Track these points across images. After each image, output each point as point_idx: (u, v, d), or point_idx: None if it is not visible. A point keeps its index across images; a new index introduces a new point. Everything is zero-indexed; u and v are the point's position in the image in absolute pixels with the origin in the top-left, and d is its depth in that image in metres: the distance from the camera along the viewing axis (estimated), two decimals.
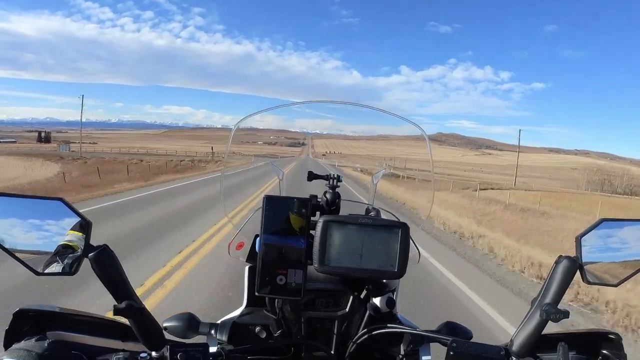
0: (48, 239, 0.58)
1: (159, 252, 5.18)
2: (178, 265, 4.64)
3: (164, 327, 0.78)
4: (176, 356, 0.61)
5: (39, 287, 3.58)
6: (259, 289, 0.71)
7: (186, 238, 5.95)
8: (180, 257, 5.01)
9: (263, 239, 0.71)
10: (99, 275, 0.59)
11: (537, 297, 0.67)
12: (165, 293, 3.78)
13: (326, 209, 0.88)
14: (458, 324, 0.83)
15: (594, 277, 0.66)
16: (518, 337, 0.67)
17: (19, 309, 0.64)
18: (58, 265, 0.58)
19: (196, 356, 0.62)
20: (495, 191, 29.31)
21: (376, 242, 0.72)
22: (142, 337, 0.62)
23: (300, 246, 0.71)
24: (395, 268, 0.71)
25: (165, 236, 6.07)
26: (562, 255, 0.66)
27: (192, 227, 6.83)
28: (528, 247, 6.97)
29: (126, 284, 0.60)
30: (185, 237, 6.00)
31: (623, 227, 0.68)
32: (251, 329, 0.81)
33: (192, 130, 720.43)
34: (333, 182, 0.93)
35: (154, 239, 5.82)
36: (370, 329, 0.79)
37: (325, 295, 0.82)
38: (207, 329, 0.80)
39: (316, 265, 0.71)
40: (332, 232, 0.72)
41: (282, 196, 0.76)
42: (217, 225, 6.77)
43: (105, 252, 0.59)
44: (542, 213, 15.47)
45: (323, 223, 0.71)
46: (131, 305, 0.59)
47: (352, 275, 0.72)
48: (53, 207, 0.58)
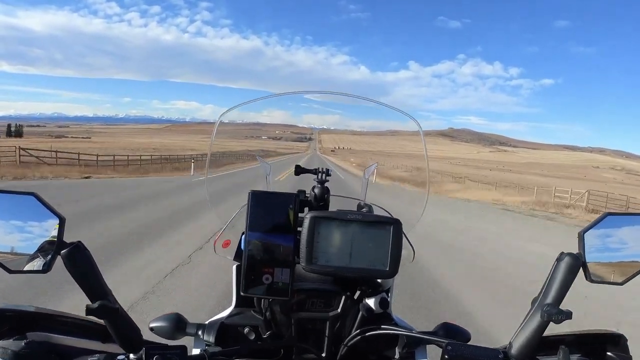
0: (23, 237, 0.58)
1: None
2: None
3: (150, 327, 0.77)
4: (152, 359, 0.60)
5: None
6: (244, 289, 0.70)
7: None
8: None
9: (248, 236, 0.70)
10: (72, 274, 0.57)
11: (538, 297, 0.65)
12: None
13: (314, 204, 0.87)
14: (456, 325, 0.81)
15: (597, 275, 0.65)
16: (517, 340, 0.65)
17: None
18: (31, 262, 0.58)
19: (173, 359, 0.60)
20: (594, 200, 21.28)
21: (366, 239, 0.70)
22: (118, 338, 0.61)
23: (287, 244, 0.70)
24: (386, 267, 0.70)
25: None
26: (563, 252, 0.64)
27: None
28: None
29: (101, 282, 0.59)
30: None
31: (629, 222, 0.66)
32: (239, 330, 0.80)
33: (197, 125, 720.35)
34: (321, 177, 0.91)
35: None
36: (363, 330, 0.77)
37: (317, 295, 0.80)
38: (194, 330, 0.79)
39: (303, 264, 0.69)
40: (320, 229, 0.70)
41: (269, 191, 0.74)
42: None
43: (79, 249, 0.58)
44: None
45: (310, 219, 0.70)
46: (105, 305, 0.57)
47: (341, 275, 0.71)
48: (25, 202, 0.57)
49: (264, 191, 0.73)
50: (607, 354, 0.72)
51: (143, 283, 3.95)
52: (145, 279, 4.09)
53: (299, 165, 0.96)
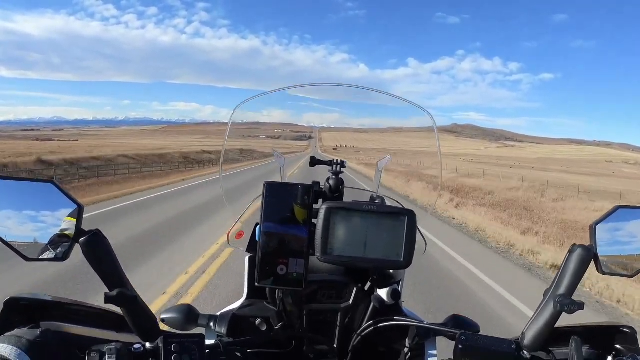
0: (41, 225, 0.59)
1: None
2: None
3: (161, 319, 0.78)
4: (170, 347, 0.61)
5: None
6: (259, 280, 0.71)
7: None
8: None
9: (263, 227, 0.71)
10: (90, 262, 0.59)
11: (550, 288, 0.66)
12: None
13: (329, 195, 0.87)
14: (465, 317, 0.82)
15: (608, 267, 0.66)
16: (530, 330, 0.66)
17: (10, 298, 0.64)
18: (49, 250, 0.59)
19: (191, 347, 0.61)
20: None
21: (381, 230, 0.71)
22: (135, 327, 0.62)
23: (302, 235, 0.71)
24: (401, 258, 0.70)
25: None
26: (575, 244, 0.66)
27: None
28: None
29: (119, 271, 0.60)
30: None
31: (639, 215, 0.67)
32: (251, 322, 0.81)
33: (193, 126, 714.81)
34: (336, 168, 0.90)
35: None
36: (375, 322, 0.79)
37: (328, 287, 0.82)
38: (206, 321, 0.80)
39: (318, 254, 0.70)
40: (335, 219, 0.71)
41: (284, 182, 0.75)
42: None
43: (97, 237, 0.59)
44: None
45: (325, 210, 0.71)
46: (123, 293, 0.58)
47: (356, 265, 0.72)
48: (43, 189, 0.58)
49: (279, 182, 0.74)
50: (616, 346, 0.72)
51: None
52: None
53: (314, 157, 0.96)
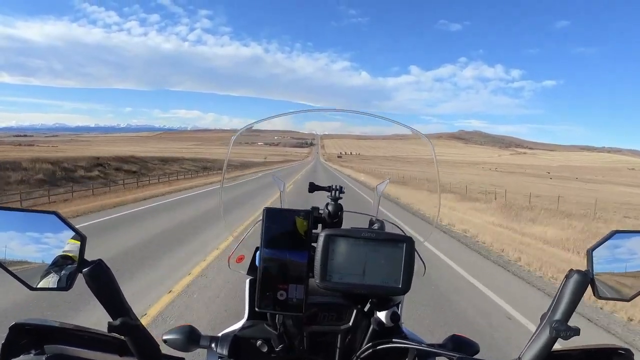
0: (44, 252, 0.62)
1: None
2: None
3: (163, 339, 0.81)
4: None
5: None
6: (259, 305, 0.74)
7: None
8: None
9: (263, 253, 0.74)
10: (94, 291, 0.61)
11: (547, 313, 0.68)
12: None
13: (328, 221, 0.90)
14: (465, 337, 0.84)
15: (605, 291, 0.68)
16: (526, 355, 0.68)
17: (15, 323, 0.67)
18: (53, 280, 0.61)
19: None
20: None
21: (380, 257, 0.74)
22: (137, 353, 0.65)
23: (301, 260, 0.74)
24: (399, 284, 0.73)
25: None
26: (572, 269, 0.68)
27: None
28: None
29: (122, 299, 0.63)
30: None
31: (636, 239, 0.69)
32: (252, 343, 0.83)
33: (192, 132, 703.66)
34: (335, 194, 0.93)
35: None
36: (374, 344, 0.81)
37: (328, 309, 0.85)
38: (208, 342, 0.82)
39: (317, 281, 0.73)
40: (334, 246, 0.74)
41: (283, 208, 0.78)
42: None
43: (100, 267, 0.62)
44: None
45: (324, 237, 0.73)
46: (126, 322, 0.62)
47: (354, 292, 0.75)
48: (47, 221, 0.61)
49: (278, 208, 0.77)
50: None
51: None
52: None
53: (313, 183, 0.99)
